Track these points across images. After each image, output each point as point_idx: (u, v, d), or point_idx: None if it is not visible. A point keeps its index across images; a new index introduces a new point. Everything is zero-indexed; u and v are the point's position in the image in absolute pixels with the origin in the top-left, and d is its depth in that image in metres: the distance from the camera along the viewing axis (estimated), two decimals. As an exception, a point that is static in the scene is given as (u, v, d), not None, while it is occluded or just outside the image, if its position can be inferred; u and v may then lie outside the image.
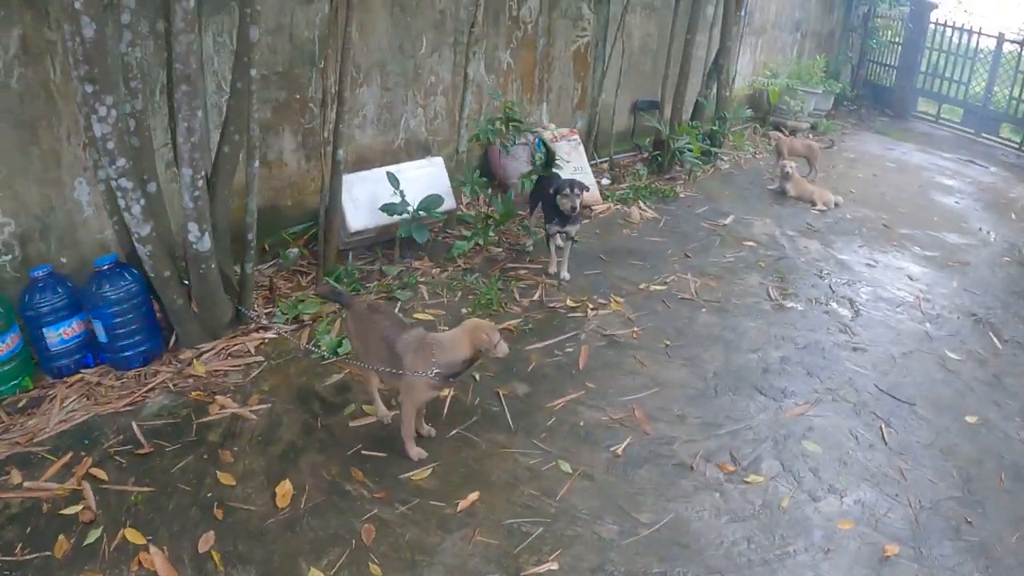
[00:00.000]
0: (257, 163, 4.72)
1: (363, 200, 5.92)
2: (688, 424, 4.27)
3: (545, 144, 6.96)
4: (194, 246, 4.44)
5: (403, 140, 6.81)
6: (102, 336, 4.63)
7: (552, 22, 7.84)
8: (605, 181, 8.18)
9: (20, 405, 4.47)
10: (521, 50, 7.62)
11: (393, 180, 5.75)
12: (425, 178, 6.19)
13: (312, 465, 3.87)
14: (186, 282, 4.74)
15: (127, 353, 4.68)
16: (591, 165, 8.03)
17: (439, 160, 6.41)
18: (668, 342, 5.07)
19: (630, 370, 4.74)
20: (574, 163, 7.27)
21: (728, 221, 7.46)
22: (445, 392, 4.28)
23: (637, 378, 4.67)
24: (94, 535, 3.46)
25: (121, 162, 4.07)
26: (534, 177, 6.18)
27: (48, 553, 3.38)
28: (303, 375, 4.64)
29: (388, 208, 5.71)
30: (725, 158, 9.61)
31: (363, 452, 3.95)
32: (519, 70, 7.70)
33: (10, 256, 4.92)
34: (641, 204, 7.59)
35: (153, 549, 3.36)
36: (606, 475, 3.85)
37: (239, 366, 4.74)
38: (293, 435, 4.11)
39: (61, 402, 4.44)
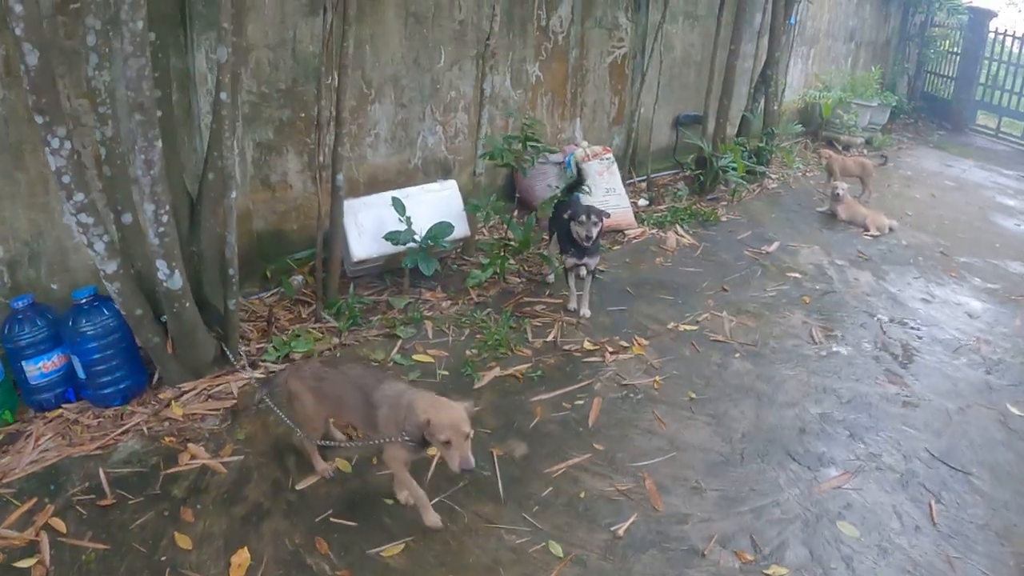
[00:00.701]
0: (234, 194, 4.35)
1: (368, 227, 5.52)
2: (705, 498, 3.73)
3: (576, 164, 6.50)
4: (164, 284, 4.09)
5: (420, 159, 6.42)
6: (80, 372, 4.43)
7: (585, 32, 7.37)
8: (642, 202, 7.66)
9: (-3, 441, 4.27)
10: (551, 62, 7.18)
11: (399, 206, 5.35)
12: (437, 203, 5.76)
13: (275, 532, 3.50)
14: (163, 319, 4.41)
15: (106, 391, 4.43)
16: (628, 184, 7.56)
17: (452, 183, 5.97)
18: (693, 395, 4.53)
19: (646, 429, 4.21)
20: (607, 184, 6.78)
21: (772, 248, 6.86)
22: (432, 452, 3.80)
23: (653, 439, 4.13)
24: None
25: (79, 197, 3.77)
26: (555, 201, 5.72)
27: None
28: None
29: (392, 237, 5.31)
30: (773, 177, 8.98)
31: (332, 520, 3.55)
32: (549, 83, 7.26)
33: None
34: (679, 228, 7.02)
35: None
36: (602, 560, 3.33)
37: (218, 410, 4.39)
38: (260, 494, 3.74)
39: (36, 440, 4.23)
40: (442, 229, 5.41)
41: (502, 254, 5.70)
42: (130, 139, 3.85)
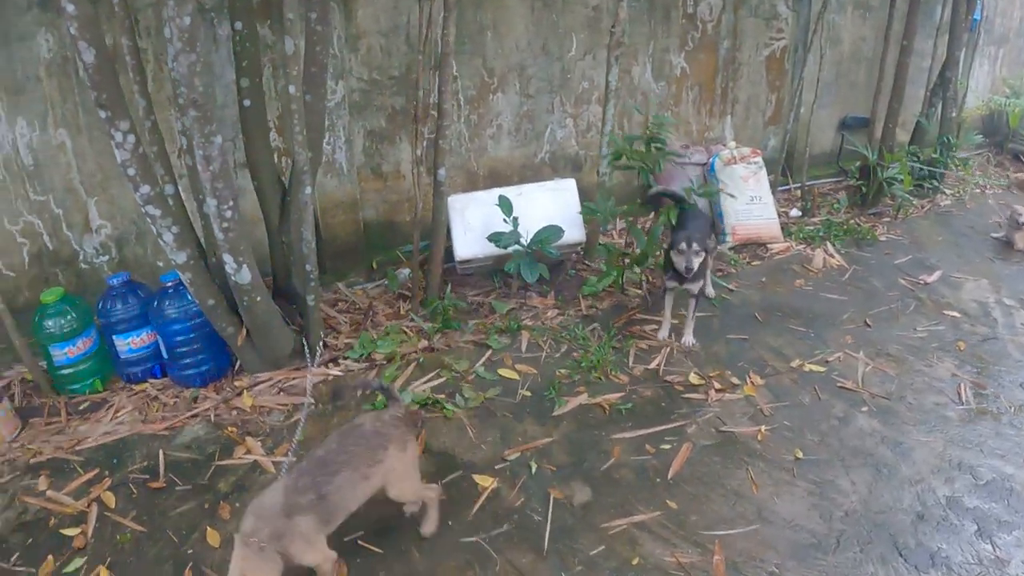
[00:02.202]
0: (309, 190, 4.16)
1: (476, 224, 5.22)
2: None
3: (714, 168, 5.89)
4: (232, 278, 4.00)
5: (548, 154, 6.03)
6: (164, 352, 4.51)
7: (739, 21, 6.66)
8: (794, 213, 6.81)
9: (82, 407, 4.48)
10: (699, 53, 6.55)
11: (505, 205, 4.99)
12: (552, 202, 5.35)
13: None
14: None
15: (188, 372, 4.53)
16: (782, 192, 6.80)
17: (571, 182, 5.52)
18: (800, 454, 3.80)
19: (733, 490, 3.57)
20: (752, 191, 6.05)
21: (932, 279, 5.80)
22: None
23: (738, 504, 3.49)
24: (76, 564, 3.36)
25: (144, 189, 3.73)
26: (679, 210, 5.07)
27: (34, 571, 3.34)
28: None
29: (495, 239, 4.97)
30: (946, 192, 7.70)
31: (360, 542, 3.29)
32: (696, 76, 6.63)
33: (107, 257, 5.02)
34: (829, 246, 6.13)
35: None
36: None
37: (286, 406, 4.28)
38: (299, 505, 3.56)
39: (115, 412, 4.39)
40: (550, 233, 5.00)
41: (622, 263, 5.21)
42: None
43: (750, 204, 6.03)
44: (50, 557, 3.39)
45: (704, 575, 3.08)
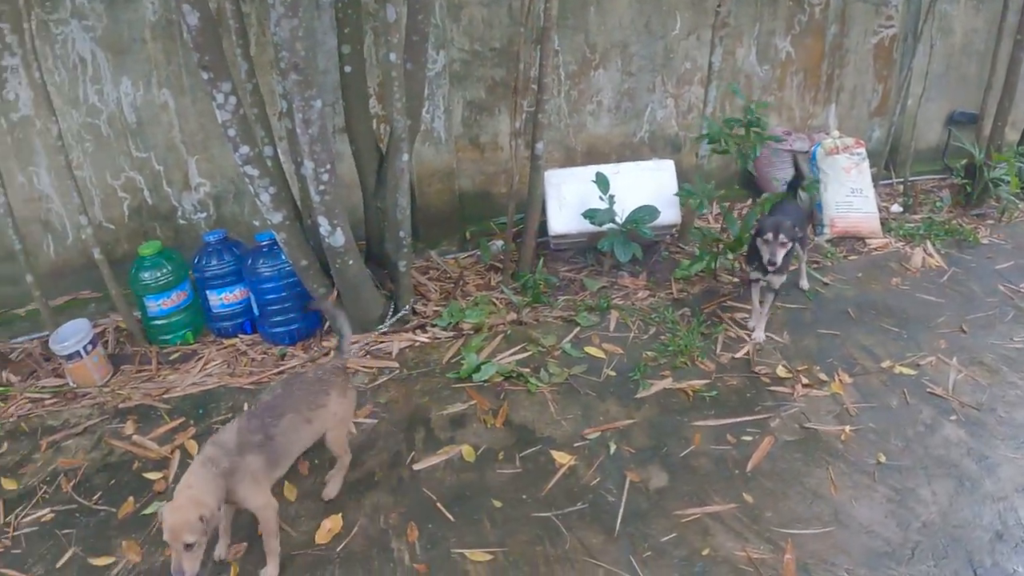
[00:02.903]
0: (405, 157, 4.19)
1: (571, 200, 5.16)
2: None
3: (794, 157, 5.66)
4: (326, 240, 4.08)
5: (647, 133, 5.93)
6: (255, 309, 4.64)
7: (847, 6, 6.36)
8: (895, 208, 6.48)
9: (172, 357, 4.68)
10: (805, 38, 6.30)
11: (602, 183, 4.92)
12: (649, 183, 5.22)
13: (376, 506, 3.37)
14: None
15: (277, 330, 4.66)
16: (883, 186, 6.52)
17: (669, 163, 5.37)
18: (883, 458, 3.63)
19: (811, 489, 3.44)
20: (853, 183, 5.78)
21: None
22: None
23: (815, 504, 3.36)
24: (155, 508, 3.49)
25: (244, 150, 3.84)
26: (776, 200, 4.91)
27: (114, 510, 3.50)
28: (427, 395, 4.11)
29: (590, 215, 4.92)
30: None
31: (434, 507, 3.34)
32: (801, 61, 6.39)
33: (205, 214, 5.19)
34: (929, 245, 5.79)
35: None
36: (699, 641, 2.79)
37: (372, 368, 4.37)
38: (377, 464, 3.64)
39: (204, 364, 4.56)
40: (645, 213, 4.91)
41: (716, 249, 5.09)
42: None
43: (851, 196, 5.78)
44: (131, 498, 3.55)
45: (773, 573, 2.99)
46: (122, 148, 4.88)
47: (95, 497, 3.58)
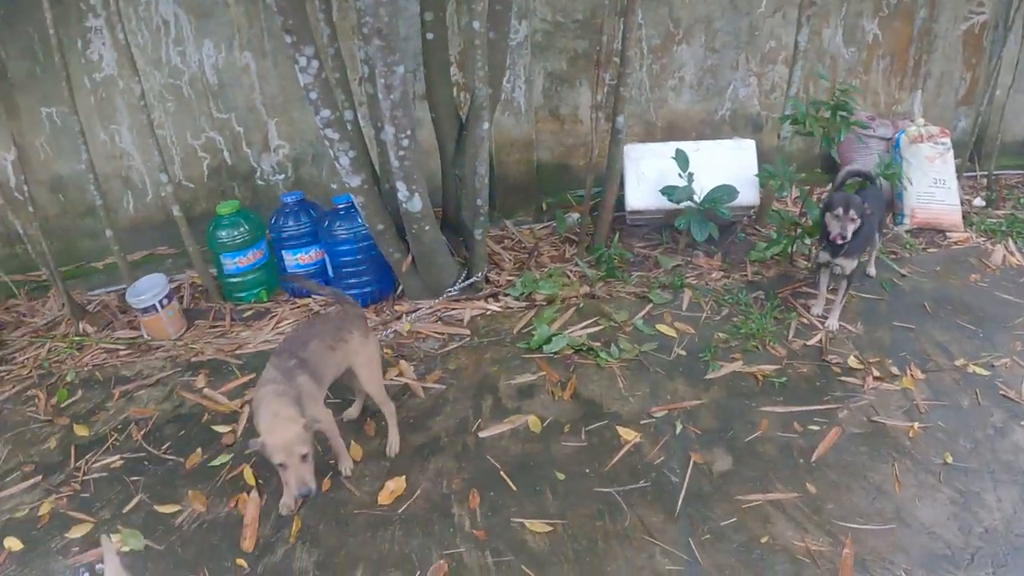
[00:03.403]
0: (486, 125, 4.20)
1: (649, 176, 5.12)
2: None
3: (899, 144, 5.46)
4: (404, 205, 4.14)
5: (728, 111, 5.84)
6: (330, 270, 4.74)
7: (937, -10, 6.07)
8: (978, 202, 6.20)
9: (245, 315, 4.83)
10: (893, 21, 6.06)
11: (681, 160, 4.86)
12: (729, 162, 5.15)
13: (440, 470, 3.45)
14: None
15: (350, 291, 4.76)
16: (966, 179, 6.25)
17: (750, 143, 5.28)
18: (950, 459, 3.52)
19: (875, 484, 3.37)
20: (936, 173, 5.59)
21: None
22: None
23: (877, 500, 3.29)
24: (222, 460, 3.63)
25: (325, 113, 3.90)
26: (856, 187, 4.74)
27: (182, 460, 3.64)
28: (496, 364, 4.17)
29: (668, 192, 4.87)
30: None
31: (498, 475, 3.40)
32: (889, 45, 6.15)
33: (282, 176, 5.32)
34: (1011, 243, 5.53)
35: (253, 495, 3.39)
36: (750, 628, 2.77)
37: (442, 334, 4.45)
38: (444, 429, 3.72)
39: (276, 322, 4.69)
40: (723, 193, 4.85)
41: (793, 232, 4.98)
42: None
43: (933, 187, 5.59)
44: (199, 450, 3.69)
45: (830, 566, 2.95)
46: (203, 109, 5.02)
47: (164, 447, 3.72)
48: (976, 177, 6.61)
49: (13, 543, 3.24)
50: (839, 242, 4.20)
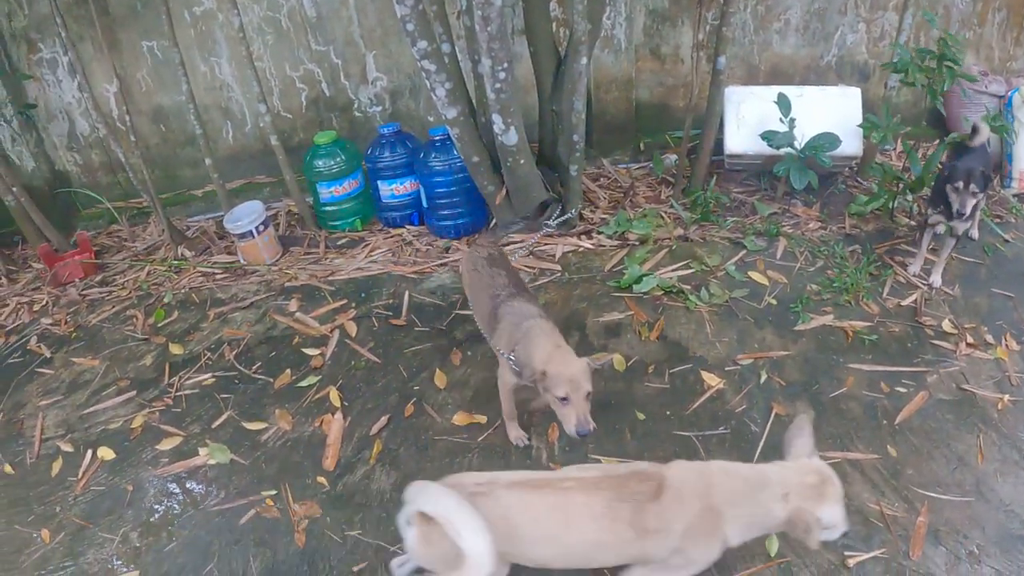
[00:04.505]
0: (584, 60, 4.14)
1: (750, 120, 5.01)
2: (976, 570, 2.84)
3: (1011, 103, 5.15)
4: (499, 138, 4.16)
5: (835, 57, 5.61)
6: (424, 202, 4.79)
7: (1063, -61, 5.58)
8: None
9: (340, 243, 4.98)
10: (1012, -29, 5.59)
11: (784, 104, 4.71)
12: (833, 110, 4.99)
13: (521, 403, 3.48)
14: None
15: (444, 223, 4.86)
16: None
17: (856, 91, 5.08)
18: None
19: (958, 454, 3.31)
20: None
21: None
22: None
23: (958, 470, 3.24)
24: (310, 381, 3.80)
25: (422, 44, 3.92)
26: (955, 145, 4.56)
27: (271, 380, 3.83)
28: (584, 301, 4.23)
29: (768, 137, 4.74)
30: None
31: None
32: (1006, -2, 5.70)
33: (380, 108, 5.44)
34: None
35: (338, 416, 3.56)
36: (812, 583, 2.81)
37: (533, 269, 4.51)
38: (528, 364, 3.76)
39: (369, 251, 4.83)
40: (825, 141, 4.69)
41: (895, 187, 4.82)
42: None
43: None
44: (288, 371, 3.88)
45: (903, 533, 2.95)
46: (301, 41, 5.10)
47: (255, 367, 3.92)
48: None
49: (106, 452, 3.49)
50: (958, 219, 4.06)
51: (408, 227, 5.00)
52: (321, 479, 3.24)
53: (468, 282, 3.54)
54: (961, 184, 3.99)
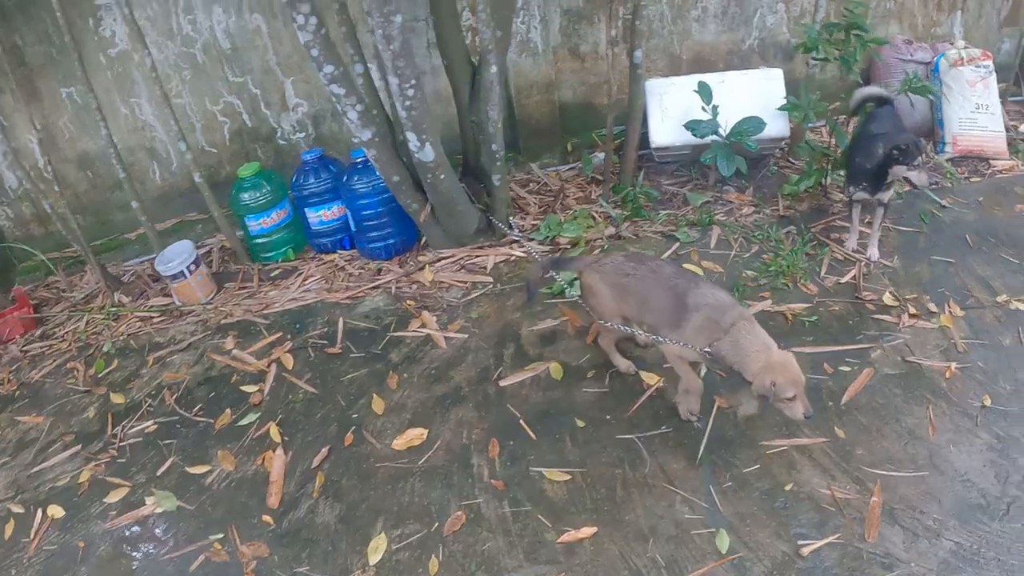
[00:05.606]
0: (494, 68, 4.06)
1: (674, 111, 4.93)
2: (935, 546, 2.76)
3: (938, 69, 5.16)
4: (416, 156, 4.07)
5: (756, 40, 5.58)
6: (353, 225, 4.73)
7: None
8: None
9: (273, 274, 4.86)
10: (930, -63, 5.62)
11: (705, 92, 4.66)
12: (756, 93, 4.92)
13: (460, 421, 3.48)
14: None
15: (374, 245, 4.78)
16: (1015, 103, 5.89)
17: (778, 72, 5.04)
18: (988, 401, 3.36)
19: (908, 429, 3.24)
20: (979, 98, 5.26)
21: None
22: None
23: (910, 445, 3.17)
24: (250, 419, 3.72)
25: (328, 68, 3.83)
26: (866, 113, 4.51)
27: (212, 421, 3.73)
28: (518, 311, 4.13)
29: (692, 127, 4.68)
30: None
31: (518, 424, 3.38)
32: (926, -36, 5.70)
33: (304, 134, 5.36)
34: None
35: (279, 452, 3.47)
36: (766, 577, 2.74)
37: (465, 283, 4.41)
38: (465, 379, 3.73)
39: (303, 280, 4.72)
40: (750, 125, 4.64)
41: (824, 165, 4.78)
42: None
43: (975, 112, 5.28)
44: (228, 410, 3.76)
45: (857, 515, 2.87)
46: (219, 74, 5.01)
47: (195, 409, 3.81)
48: (1023, 102, 6.22)
49: (55, 510, 3.37)
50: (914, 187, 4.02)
51: (340, 252, 4.87)
52: (267, 518, 3.13)
53: (618, 293, 3.33)
54: (920, 160, 3.93)
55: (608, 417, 3.37)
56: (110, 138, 4.47)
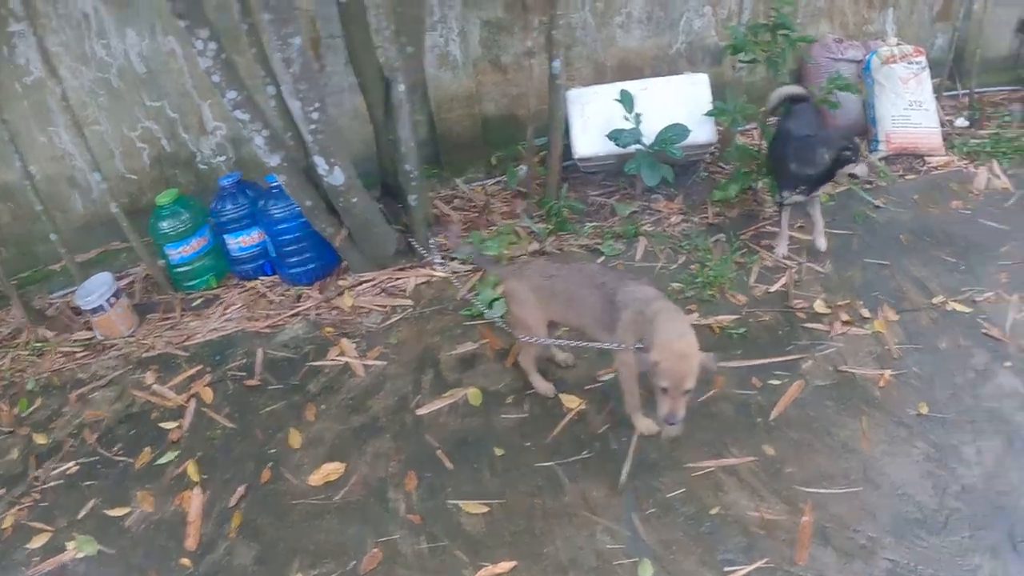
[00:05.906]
0: (402, 87, 3.94)
1: (596, 121, 4.84)
2: (869, 567, 2.64)
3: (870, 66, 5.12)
4: (326, 180, 3.93)
5: (684, 44, 5.51)
6: (272, 250, 4.58)
7: None
8: (960, 122, 5.82)
9: (196, 303, 4.69)
10: (858, -67, 5.61)
11: (626, 100, 4.57)
12: (681, 99, 4.85)
13: (377, 453, 3.32)
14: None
15: (294, 270, 4.62)
16: (946, 98, 5.90)
17: (703, 77, 4.96)
18: (925, 409, 3.26)
19: (841, 442, 3.13)
20: (912, 95, 5.25)
21: None
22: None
23: (843, 459, 3.06)
24: (169, 457, 3.56)
25: (231, 94, 3.69)
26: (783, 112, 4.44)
27: (131, 460, 3.56)
28: (438, 334, 3.98)
29: (614, 136, 4.58)
30: None
31: (435, 454, 3.25)
32: (855, -39, 5.68)
33: (223, 157, 5.21)
34: (995, 165, 5.16)
35: (196, 491, 3.33)
36: (689, 608, 2.59)
37: (384, 307, 4.25)
38: (382, 409, 3.58)
39: (224, 309, 4.57)
40: (674, 133, 4.55)
41: (751, 169, 4.70)
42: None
43: (909, 109, 5.26)
44: (147, 448, 3.58)
45: (787, 537, 2.75)
46: (135, 99, 4.84)
47: (115, 448, 3.65)
48: (958, 97, 6.22)
49: None
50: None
51: (262, 278, 4.70)
52: (185, 560, 2.96)
53: (543, 296, 3.22)
54: (860, 156, 3.89)
55: (527, 444, 3.23)
56: (24, 169, 4.29)
